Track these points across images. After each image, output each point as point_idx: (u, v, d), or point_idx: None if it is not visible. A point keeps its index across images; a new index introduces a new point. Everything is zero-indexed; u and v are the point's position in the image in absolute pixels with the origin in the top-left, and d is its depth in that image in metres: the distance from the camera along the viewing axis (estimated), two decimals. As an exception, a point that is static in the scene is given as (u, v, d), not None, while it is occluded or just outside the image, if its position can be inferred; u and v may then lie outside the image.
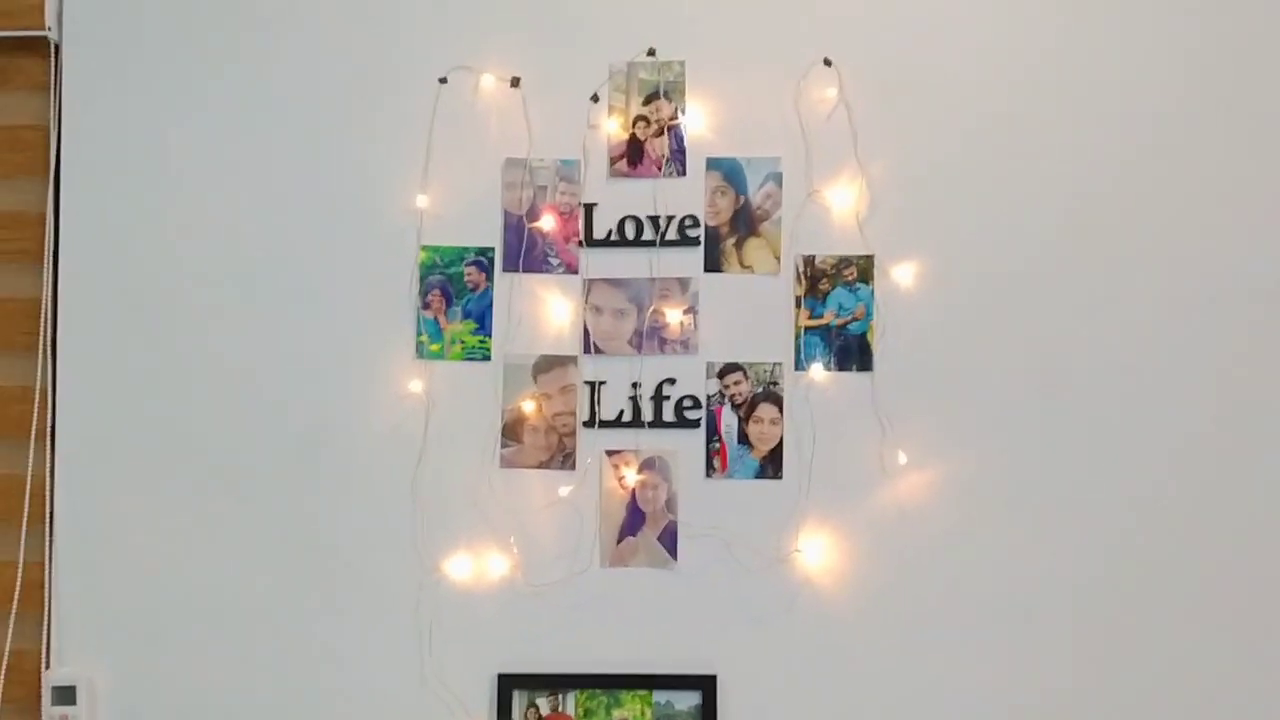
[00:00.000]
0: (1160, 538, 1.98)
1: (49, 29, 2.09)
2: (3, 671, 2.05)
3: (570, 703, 2.01)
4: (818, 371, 2.01)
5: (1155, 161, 2.02)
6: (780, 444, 2.02)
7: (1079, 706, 1.98)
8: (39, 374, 2.08)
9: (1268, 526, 1.97)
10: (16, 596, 2.07)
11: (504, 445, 2.04)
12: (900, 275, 2.01)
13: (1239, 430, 1.99)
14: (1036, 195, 2.02)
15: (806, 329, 2.02)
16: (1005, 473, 2.00)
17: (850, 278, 2.02)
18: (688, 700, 1.99)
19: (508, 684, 2.00)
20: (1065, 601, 1.98)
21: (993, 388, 2.01)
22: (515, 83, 2.05)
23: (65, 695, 2.04)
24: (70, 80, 2.11)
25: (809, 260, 2.03)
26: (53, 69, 2.11)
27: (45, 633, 2.06)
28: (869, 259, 2.02)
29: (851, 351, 2.01)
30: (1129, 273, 2.02)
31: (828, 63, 2.02)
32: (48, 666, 2.06)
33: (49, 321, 2.10)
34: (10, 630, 2.06)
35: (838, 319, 2.02)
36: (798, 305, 2.03)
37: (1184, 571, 1.97)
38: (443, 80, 2.06)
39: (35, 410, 2.08)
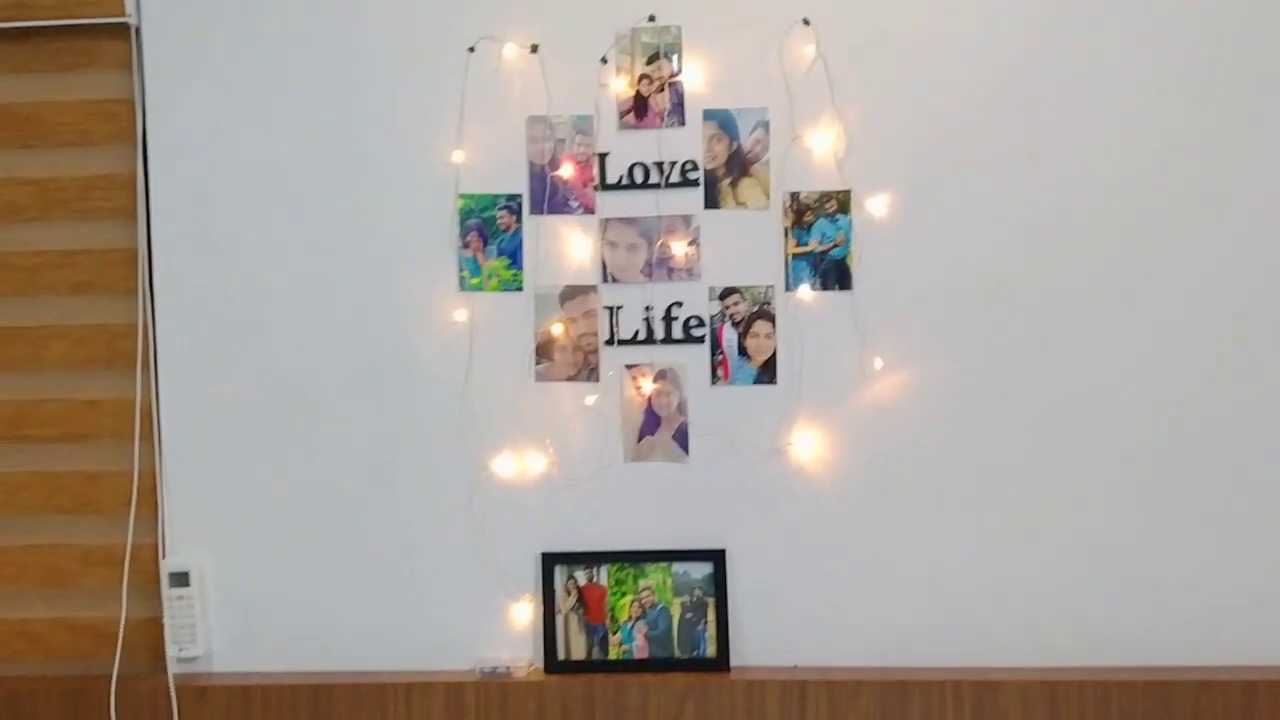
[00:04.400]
0: (1094, 421, 2.18)
1: (129, 15, 2.26)
2: (127, 561, 2.32)
3: (604, 575, 2.27)
4: (804, 292, 2.22)
5: (1101, 84, 2.16)
6: (774, 355, 2.23)
7: (1043, 578, 2.20)
8: (140, 313, 2.31)
9: (1230, 417, 2.16)
10: (134, 500, 2.31)
11: (538, 363, 2.27)
12: (874, 207, 2.19)
13: (1190, 336, 2.16)
14: (993, 131, 2.17)
15: (794, 256, 2.23)
16: (965, 374, 2.19)
17: (831, 210, 2.22)
18: (702, 570, 2.25)
19: (550, 561, 2.27)
20: (1022, 481, 2.19)
21: (954, 302, 2.19)
22: (534, 49, 2.22)
23: (180, 579, 2.31)
24: (150, 59, 2.28)
25: (795, 196, 2.22)
26: (134, 50, 2.29)
27: (159, 529, 2.33)
28: (847, 193, 2.20)
29: (833, 274, 2.21)
30: (1079, 191, 2.16)
31: (806, 22, 2.17)
32: (163, 556, 2.33)
33: (146, 269, 2.31)
34: (131, 528, 2.32)
35: (821, 246, 2.22)
36: (786, 235, 2.22)
37: (1128, 451, 2.18)
38: (471, 49, 2.23)
39: (140, 344, 2.31)
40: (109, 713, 2.30)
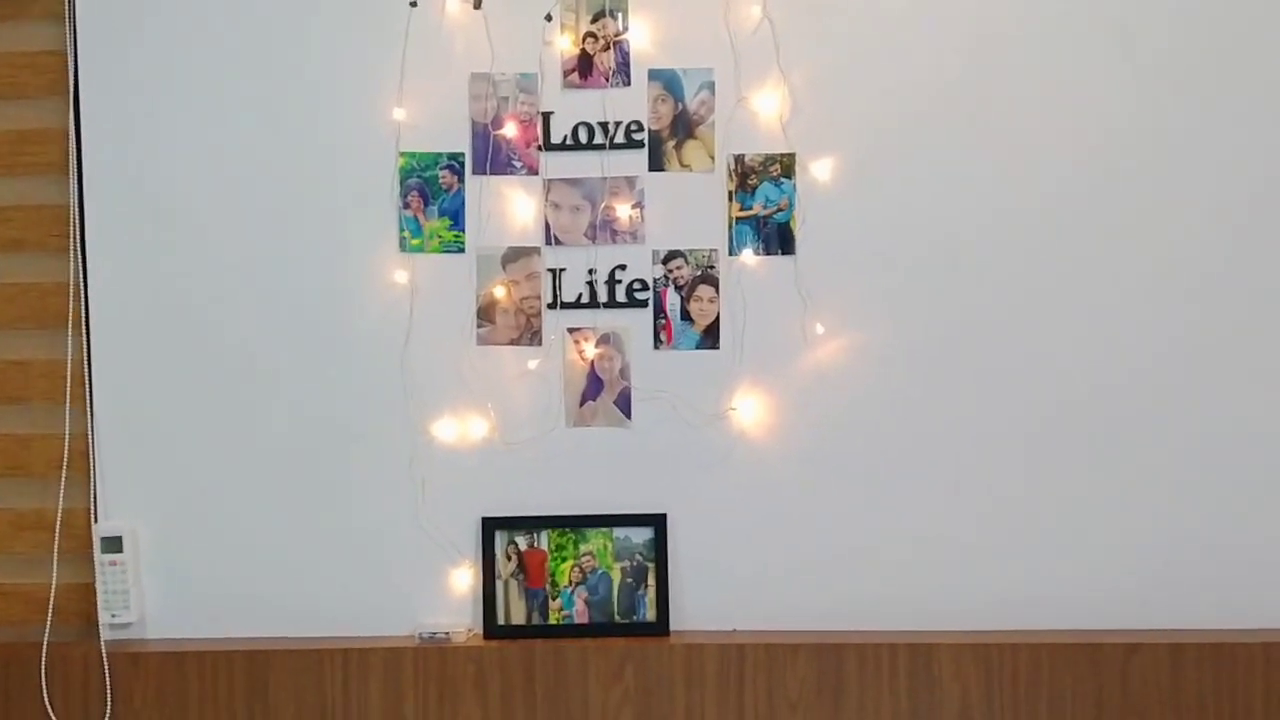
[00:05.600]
0: (1029, 388, 2.20)
1: None
2: (58, 526, 2.28)
3: (544, 540, 2.26)
4: (748, 256, 2.22)
5: (1053, 52, 2.16)
6: (717, 319, 2.23)
7: (978, 543, 2.21)
8: (71, 271, 2.26)
9: (1167, 386, 2.19)
10: (65, 464, 2.28)
11: (479, 326, 2.26)
12: (818, 171, 2.19)
13: (1130, 306, 2.18)
14: (935, 96, 2.17)
15: (738, 219, 2.22)
16: (906, 340, 2.20)
17: (775, 174, 2.21)
18: (642, 535, 2.25)
19: (490, 525, 2.25)
20: (959, 448, 2.21)
21: (896, 268, 2.20)
22: (477, 4, 2.17)
23: (113, 544, 2.27)
24: (84, 11, 2.23)
25: (739, 159, 2.21)
26: (67, 1, 2.23)
27: (92, 493, 2.29)
28: (791, 157, 2.19)
29: (776, 238, 2.21)
30: (1025, 158, 2.16)
31: None
32: (96, 521, 2.29)
33: (77, 225, 2.26)
34: (62, 492, 2.28)
35: (764, 210, 2.21)
36: (730, 199, 2.21)
37: (1062, 418, 2.20)
38: (413, 4, 2.18)
39: (70, 303, 2.26)
40: (40, 679, 2.27)
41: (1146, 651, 2.16)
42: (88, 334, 2.30)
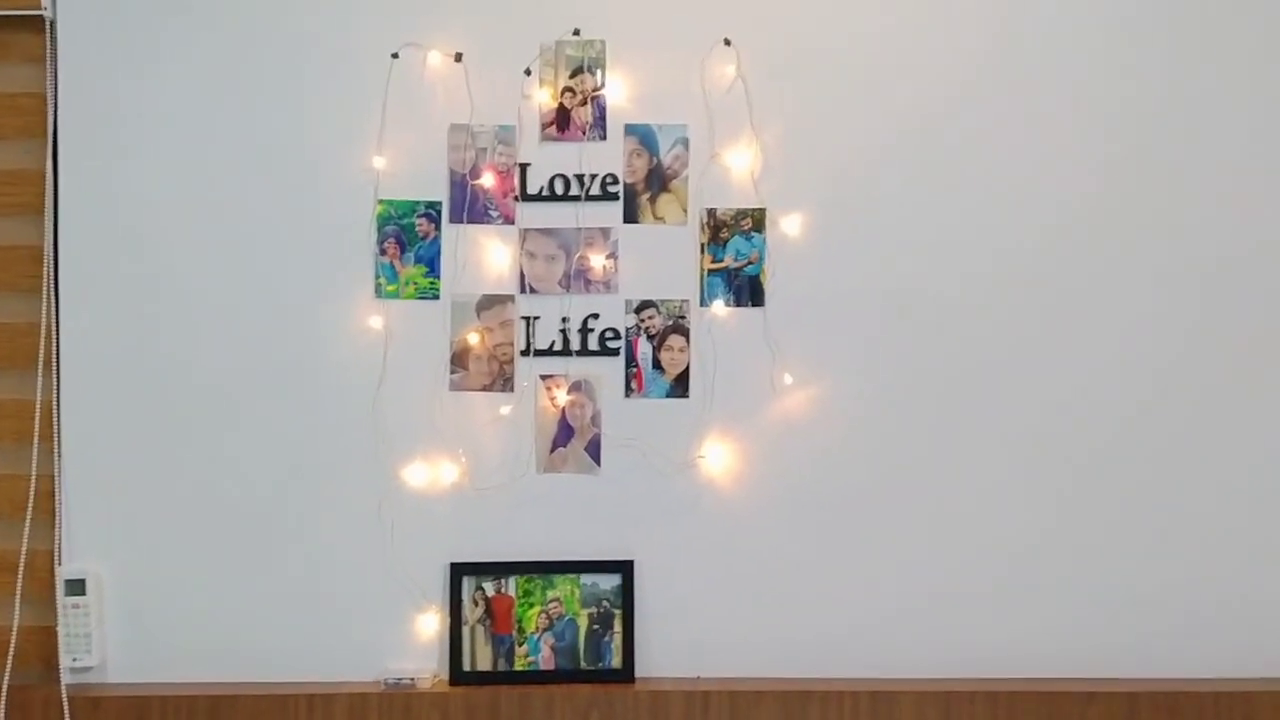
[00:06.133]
0: (988, 440, 2.26)
1: (45, 7, 2.23)
2: (21, 567, 2.26)
3: (512, 586, 2.27)
4: (719, 307, 2.26)
5: (1009, 108, 2.25)
6: (687, 368, 2.27)
7: (939, 592, 2.26)
8: (44, 312, 2.26)
9: (1117, 438, 2.26)
10: (31, 505, 2.26)
11: (453, 371, 2.28)
12: (788, 226, 2.25)
13: (1087, 359, 2.25)
14: (903, 157, 2.25)
15: (709, 271, 2.27)
16: (872, 391, 2.26)
17: (746, 227, 2.26)
18: (610, 581, 2.27)
19: (458, 571, 2.26)
20: (918, 498, 2.26)
21: (862, 321, 2.25)
22: (458, 58, 2.24)
23: (76, 587, 2.26)
24: (65, 53, 2.25)
25: (711, 213, 2.26)
26: (48, 43, 2.25)
27: (57, 535, 2.27)
28: (762, 211, 2.25)
29: (747, 290, 2.26)
30: (986, 211, 2.24)
31: (728, 43, 2.22)
32: (60, 563, 2.27)
33: (51, 266, 2.27)
34: (26, 533, 2.26)
35: (735, 263, 2.26)
36: (702, 251, 2.26)
37: (1018, 468, 2.26)
38: (394, 56, 2.24)
39: (41, 343, 2.26)
40: (-2, 722, 2.24)
41: (1103, 700, 2.20)
42: (58, 375, 2.30)
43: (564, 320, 2.29)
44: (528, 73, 2.27)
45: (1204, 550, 2.27)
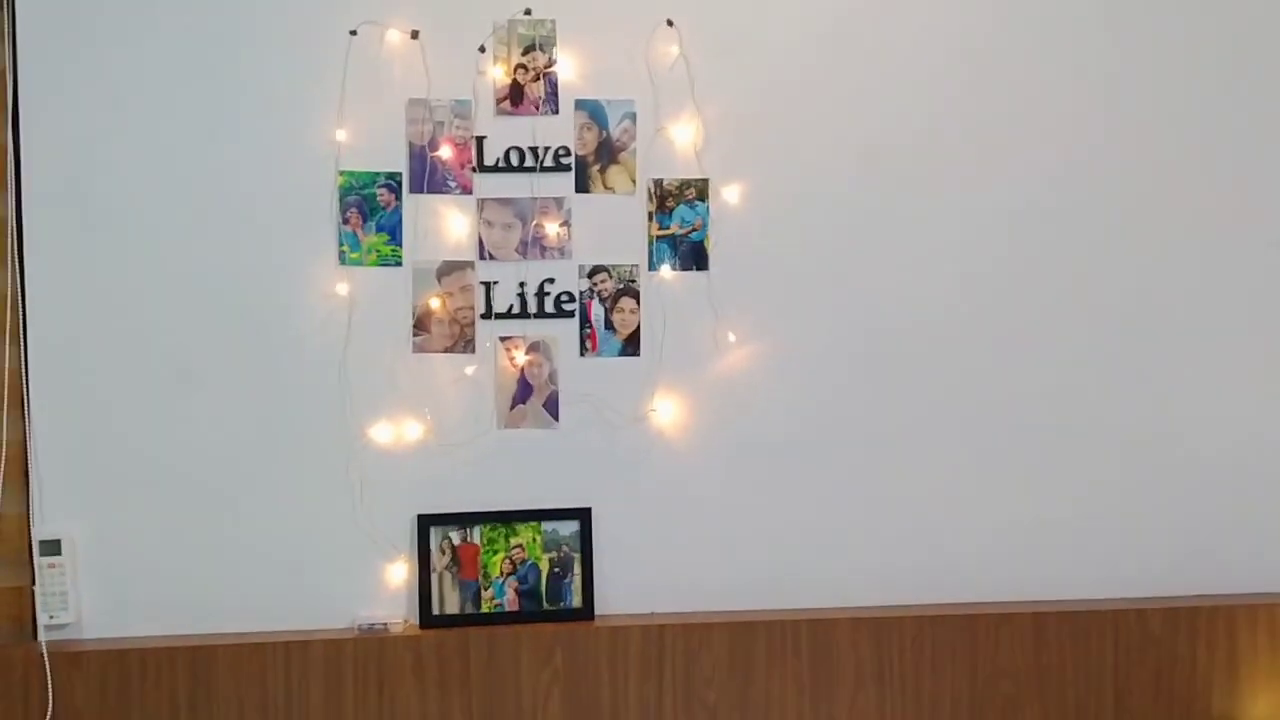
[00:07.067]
0: (914, 387, 2.46)
1: None
2: None
3: (477, 534, 2.40)
4: (666, 271, 2.40)
5: (933, 81, 2.43)
6: (638, 329, 2.40)
7: (869, 528, 2.45)
8: (8, 281, 2.29)
9: (1029, 381, 2.47)
10: (2, 469, 2.29)
11: (415, 334, 2.38)
12: (729, 195, 2.40)
13: (1016, 320, 2.46)
14: (834, 130, 2.41)
15: (657, 238, 2.40)
16: (807, 347, 2.44)
17: (690, 197, 2.40)
18: (569, 528, 2.41)
19: (425, 522, 2.38)
20: (851, 442, 2.45)
21: (798, 282, 2.43)
22: (415, 35, 2.32)
23: (51, 547, 2.32)
24: (24, 26, 2.27)
25: (658, 183, 2.39)
26: (7, 16, 2.27)
27: (29, 498, 2.32)
28: (705, 182, 2.39)
29: (691, 255, 2.41)
30: (907, 181, 2.42)
31: (670, 24, 2.36)
32: (34, 525, 2.31)
33: (14, 237, 2.29)
34: None
35: (681, 229, 2.40)
36: (650, 219, 2.40)
37: (939, 410, 2.46)
38: (353, 33, 2.31)
39: (8, 313, 2.29)
40: (-22, 681, 2.30)
41: (1015, 620, 2.45)
42: (25, 343, 2.33)
43: (521, 285, 2.40)
44: (482, 50, 2.36)
45: (1101, 488, 2.52)
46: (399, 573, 2.42)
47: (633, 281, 2.42)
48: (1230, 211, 2.51)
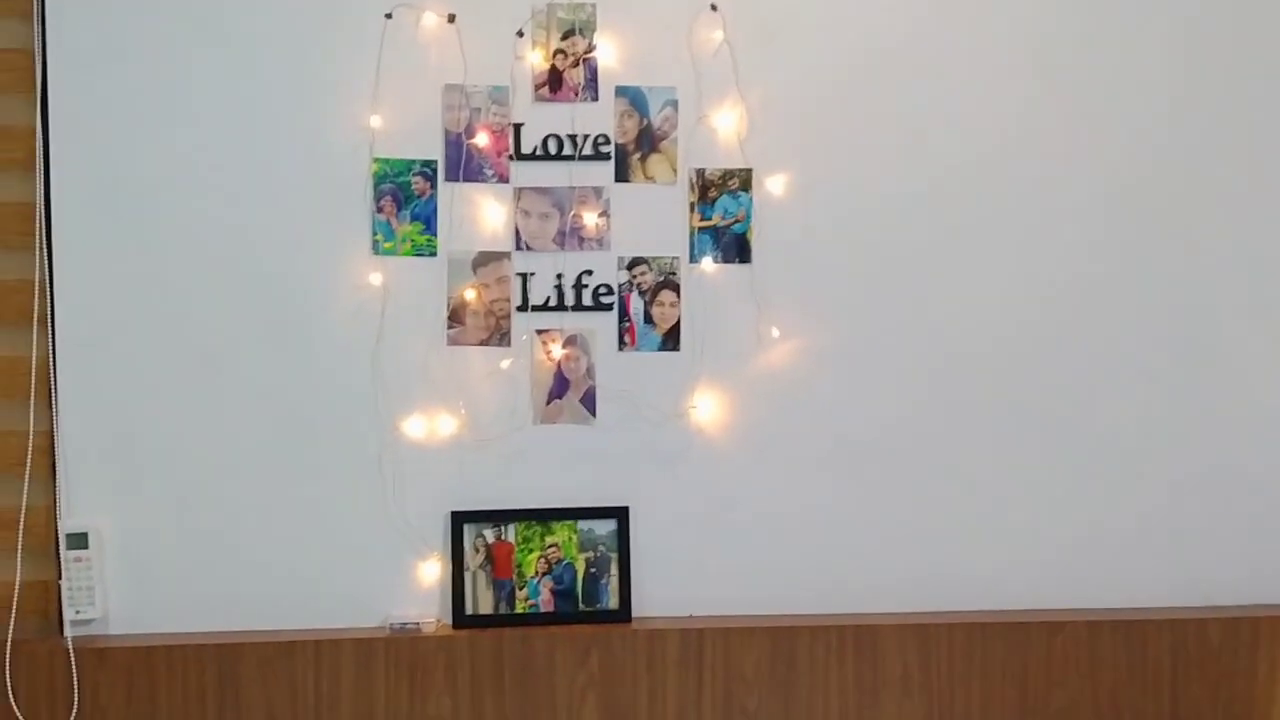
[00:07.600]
0: (966, 386, 2.38)
1: None
2: (21, 523, 2.27)
3: (511, 532, 2.35)
4: (708, 264, 2.34)
5: (981, 68, 2.36)
6: (678, 323, 2.35)
7: (918, 531, 2.39)
8: (37, 268, 2.26)
9: (1090, 384, 2.40)
10: (29, 460, 2.27)
11: (450, 327, 2.33)
12: (773, 185, 2.33)
13: (1066, 306, 2.39)
14: (881, 119, 2.34)
15: (698, 229, 2.35)
16: (853, 342, 2.37)
17: (733, 187, 2.34)
18: (606, 527, 2.36)
19: (459, 519, 2.33)
20: (901, 443, 2.38)
21: (844, 277, 2.36)
22: (451, 19, 2.27)
23: (78, 540, 2.28)
24: (53, 9, 2.23)
25: (700, 173, 2.33)
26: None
27: (56, 490, 2.28)
28: (748, 172, 2.33)
29: (734, 247, 2.35)
30: (958, 172, 2.35)
31: (714, 8, 2.29)
32: (60, 518, 2.27)
33: (43, 223, 2.26)
34: (26, 488, 2.26)
35: (723, 221, 2.34)
36: (691, 210, 2.34)
37: (995, 413, 2.39)
38: (388, 16, 2.26)
39: (35, 300, 2.26)
40: (4, 676, 2.26)
41: (1068, 629, 2.36)
42: (53, 331, 2.30)
43: (558, 276, 2.35)
44: (520, 34, 2.31)
45: (1156, 496, 2.44)
46: (432, 571, 2.37)
47: (673, 274, 2.36)
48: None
